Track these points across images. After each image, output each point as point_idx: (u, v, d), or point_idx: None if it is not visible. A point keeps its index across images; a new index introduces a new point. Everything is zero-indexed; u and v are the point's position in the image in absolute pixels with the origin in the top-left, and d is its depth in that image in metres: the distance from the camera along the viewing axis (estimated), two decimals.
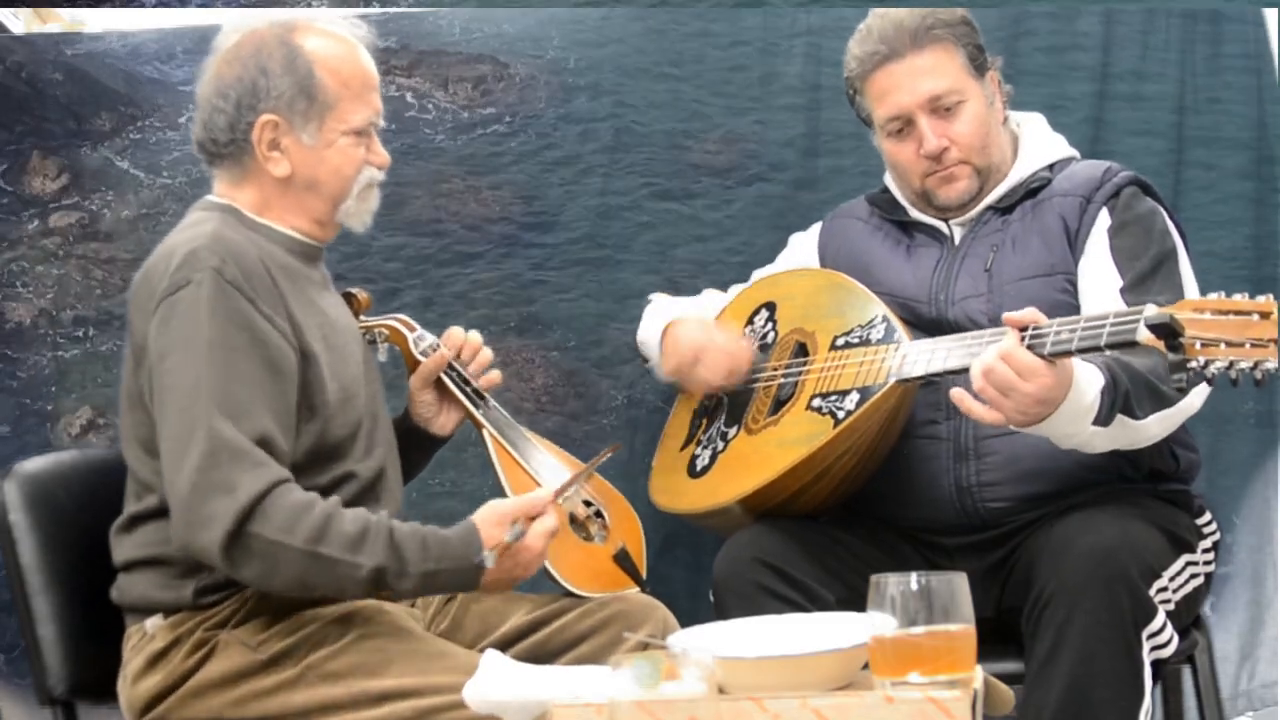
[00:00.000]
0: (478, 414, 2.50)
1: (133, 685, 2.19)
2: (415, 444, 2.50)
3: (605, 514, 2.51)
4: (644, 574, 2.52)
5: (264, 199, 2.29)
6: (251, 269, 2.16)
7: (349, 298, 2.49)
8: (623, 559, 2.49)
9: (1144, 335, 2.11)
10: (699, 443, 2.72)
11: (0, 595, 2.73)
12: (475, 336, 2.52)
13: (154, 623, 2.19)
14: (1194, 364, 2.06)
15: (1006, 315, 2.26)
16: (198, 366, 2.09)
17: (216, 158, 2.31)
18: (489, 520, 2.16)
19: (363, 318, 2.52)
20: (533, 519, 2.17)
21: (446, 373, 2.49)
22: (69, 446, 3.00)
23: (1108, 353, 2.25)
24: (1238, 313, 2.06)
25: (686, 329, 2.73)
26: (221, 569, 2.09)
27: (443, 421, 2.52)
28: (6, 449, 2.96)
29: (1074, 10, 3.21)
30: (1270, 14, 3.21)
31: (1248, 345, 2.04)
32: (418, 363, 2.50)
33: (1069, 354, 2.21)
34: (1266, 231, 3.15)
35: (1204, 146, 3.17)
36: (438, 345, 2.51)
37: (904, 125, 2.61)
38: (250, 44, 2.28)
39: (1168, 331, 2.06)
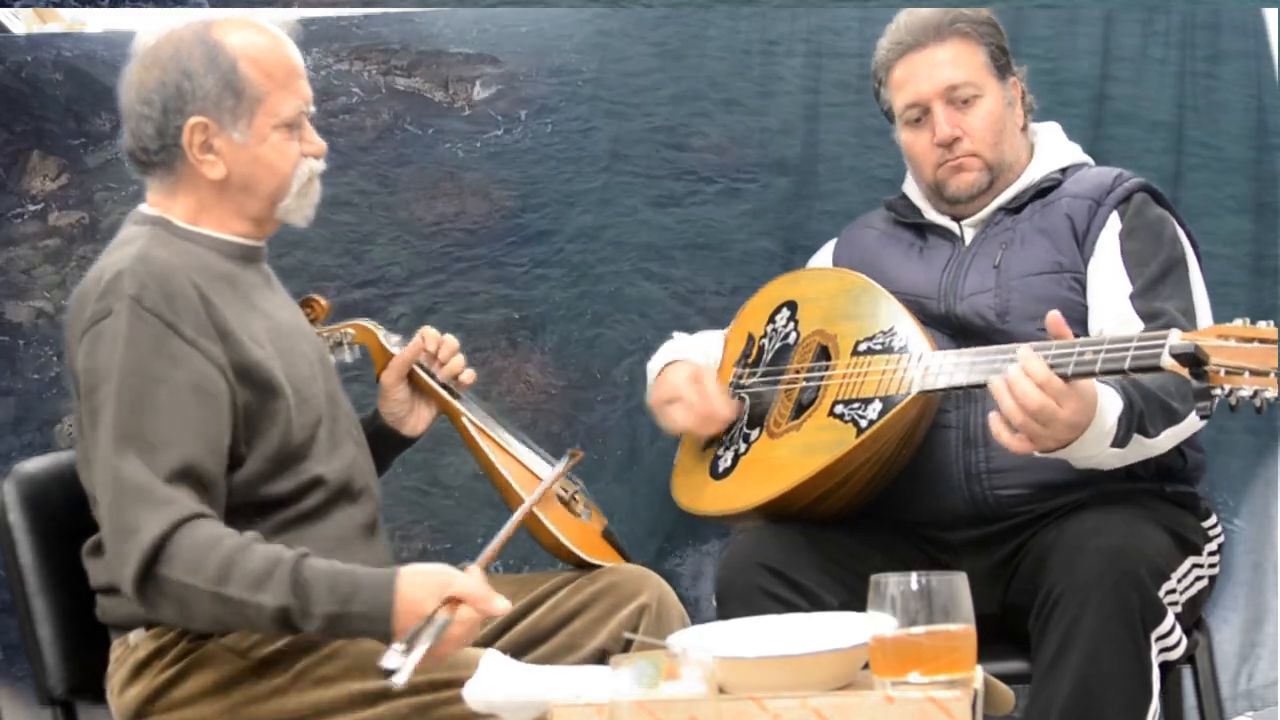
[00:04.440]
0: (455, 403, 2.46)
1: (119, 695, 2.19)
2: (384, 445, 2.46)
3: (581, 499, 2.52)
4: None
5: (199, 205, 2.23)
6: (175, 291, 2.10)
7: (308, 304, 2.46)
8: (610, 536, 2.50)
9: (1168, 362, 2.12)
10: (721, 443, 2.72)
11: (0, 595, 2.74)
12: (452, 340, 2.48)
13: (137, 634, 2.18)
14: (1218, 392, 2.06)
15: (1053, 318, 2.24)
16: (110, 403, 2.06)
17: (148, 166, 2.23)
18: (418, 583, 2.02)
19: (323, 324, 2.49)
20: (458, 602, 2.03)
21: (422, 366, 2.45)
22: (69, 447, 3.00)
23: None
24: (1262, 340, 2.06)
25: (677, 373, 2.72)
26: (142, 609, 2.07)
27: (414, 422, 2.48)
28: (6, 449, 2.96)
29: (1074, 11, 3.21)
30: (1270, 14, 3.21)
31: (1272, 374, 2.04)
32: (389, 358, 2.45)
33: (1092, 374, 2.22)
34: (1267, 231, 3.15)
35: (1204, 147, 3.17)
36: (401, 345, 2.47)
37: (921, 114, 2.65)
38: (169, 46, 2.21)
39: (1192, 360, 2.07)
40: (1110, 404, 2.30)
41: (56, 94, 3.07)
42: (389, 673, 1.95)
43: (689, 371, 2.71)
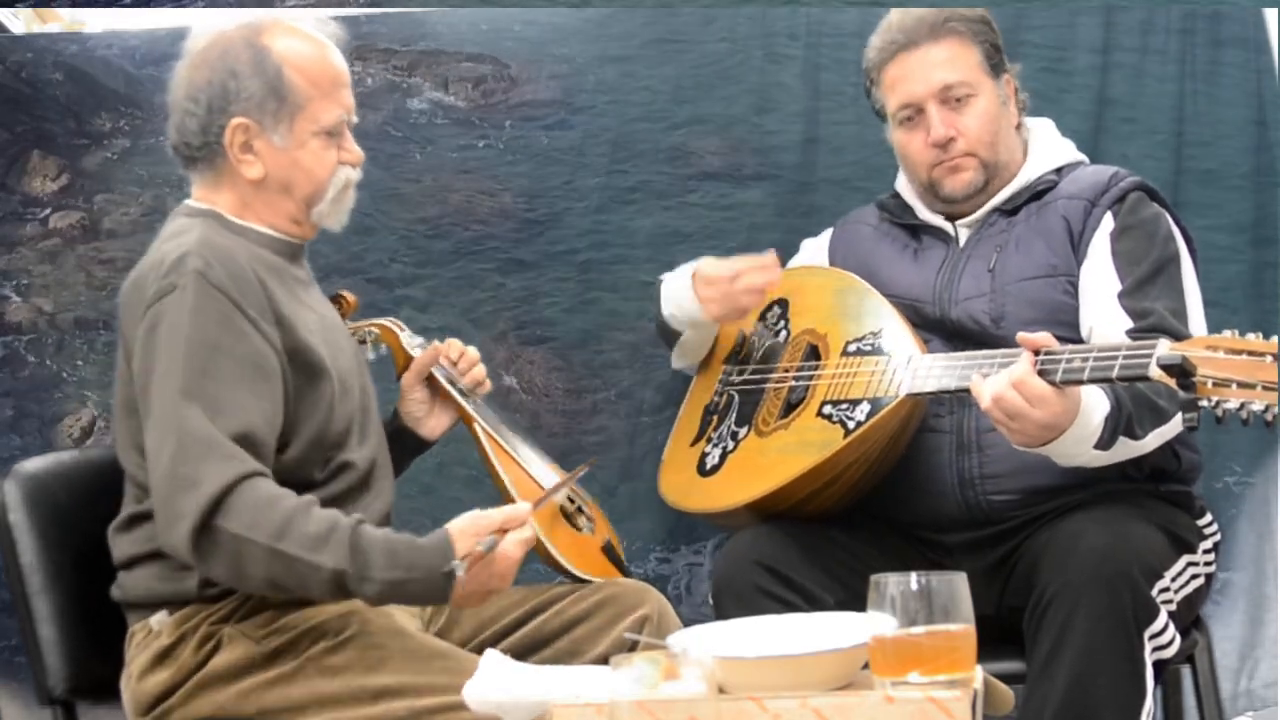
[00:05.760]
0: (468, 407, 2.50)
1: (138, 682, 2.19)
2: (401, 446, 2.49)
3: (586, 509, 2.55)
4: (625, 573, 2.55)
5: (242, 200, 2.29)
6: (239, 272, 2.16)
7: (337, 300, 2.50)
8: (609, 551, 2.52)
9: (1156, 373, 2.12)
10: (709, 440, 2.72)
11: (0, 595, 2.74)
12: (473, 350, 2.54)
13: (159, 619, 2.20)
14: (1205, 403, 2.06)
15: (1021, 335, 2.26)
16: (174, 366, 2.10)
17: (191, 161, 2.30)
18: (466, 530, 2.12)
19: (350, 320, 2.52)
20: (507, 531, 2.13)
21: (440, 371, 2.50)
22: (69, 447, 3.00)
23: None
24: (1251, 353, 2.05)
25: (712, 261, 2.71)
26: (194, 565, 2.10)
27: (432, 424, 2.52)
28: (6, 449, 2.96)
29: (1074, 10, 3.21)
30: (1270, 14, 3.21)
31: (1259, 387, 2.04)
32: (409, 360, 2.50)
33: (1080, 383, 2.22)
34: (1266, 232, 3.15)
35: (1204, 147, 3.17)
36: (427, 345, 2.52)
37: (914, 114, 2.64)
38: (218, 46, 2.28)
39: (1179, 371, 2.07)
40: (1096, 406, 2.30)
41: (56, 94, 3.07)
42: (449, 574, 2.04)
43: (718, 259, 2.69)
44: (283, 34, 2.29)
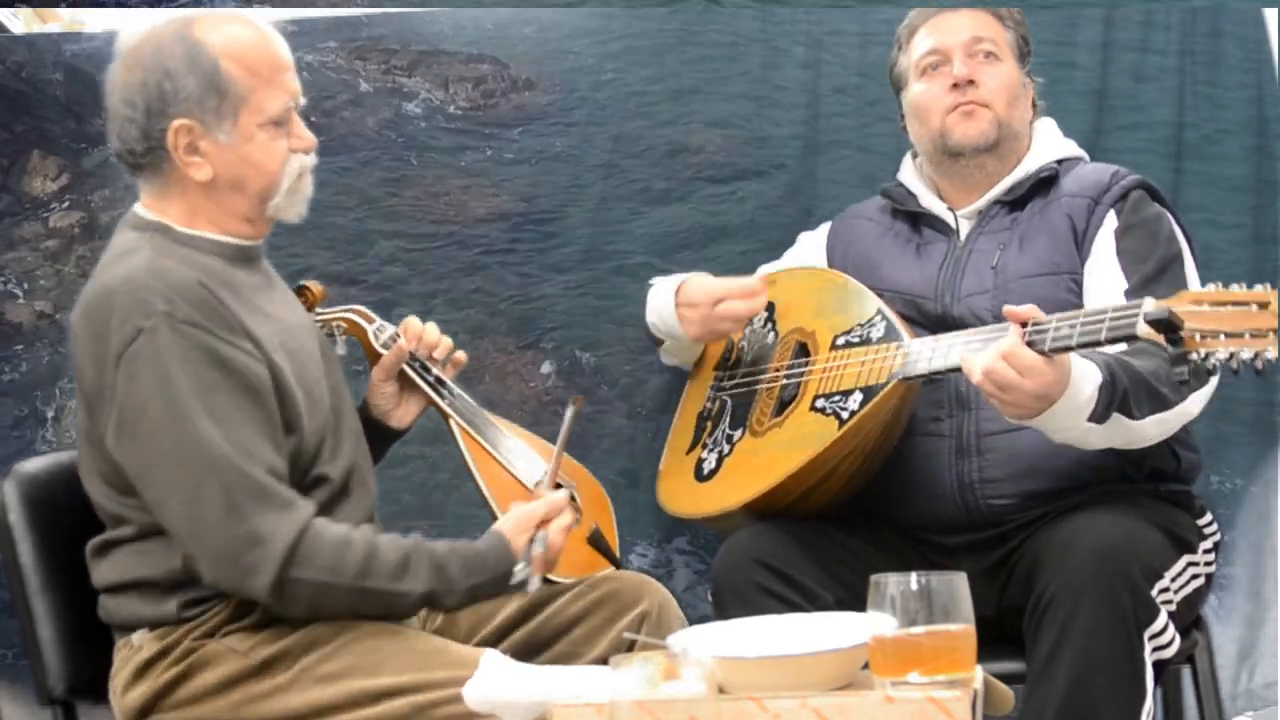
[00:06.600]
0: (442, 403, 2.47)
1: (121, 696, 2.18)
2: (374, 436, 2.45)
3: (576, 496, 2.51)
4: (617, 552, 2.53)
5: (191, 208, 2.20)
6: (199, 298, 2.09)
7: (302, 291, 2.44)
8: (596, 540, 2.49)
9: (1143, 329, 2.12)
10: (705, 446, 2.72)
11: (0, 595, 2.73)
12: (433, 328, 2.49)
13: (141, 636, 2.18)
14: (1194, 356, 2.06)
15: (1007, 309, 2.27)
16: (187, 417, 2.05)
17: (137, 168, 2.21)
18: (516, 528, 2.20)
19: (319, 311, 2.48)
20: (549, 521, 2.22)
21: (409, 363, 2.46)
22: (69, 447, 2.99)
23: (1109, 350, 2.26)
24: (1236, 303, 2.06)
25: (698, 282, 2.74)
26: (273, 610, 2.10)
27: (401, 414, 2.49)
28: (6, 449, 2.95)
29: (1074, 11, 3.21)
30: (1270, 14, 3.21)
31: (1247, 336, 2.04)
32: (379, 355, 2.46)
33: (1069, 349, 2.22)
34: (1266, 231, 3.15)
35: (1203, 146, 3.17)
36: (398, 336, 2.47)
37: (940, 62, 2.66)
38: (149, 45, 2.16)
39: (1167, 325, 2.07)
40: (1088, 374, 2.30)
41: (56, 94, 3.06)
42: (521, 585, 2.18)
43: (706, 278, 2.74)
44: (216, 25, 2.18)
